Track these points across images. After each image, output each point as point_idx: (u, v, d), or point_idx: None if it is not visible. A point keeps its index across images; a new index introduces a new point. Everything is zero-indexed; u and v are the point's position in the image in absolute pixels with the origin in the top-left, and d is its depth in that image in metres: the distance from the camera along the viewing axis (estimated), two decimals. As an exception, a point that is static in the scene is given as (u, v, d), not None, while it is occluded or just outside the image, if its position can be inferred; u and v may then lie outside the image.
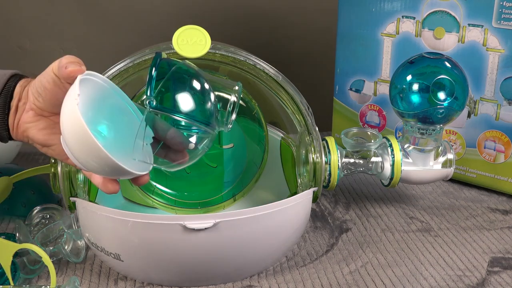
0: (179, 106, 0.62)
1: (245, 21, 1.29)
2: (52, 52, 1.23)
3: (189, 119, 0.62)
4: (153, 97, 0.61)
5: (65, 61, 0.60)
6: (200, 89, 0.64)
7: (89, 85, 0.60)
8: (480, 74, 0.92)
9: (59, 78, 0.60)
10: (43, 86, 0.62)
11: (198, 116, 0.63)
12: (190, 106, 0.63)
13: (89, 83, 0.60)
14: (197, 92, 0.64)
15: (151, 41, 0.83)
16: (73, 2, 1.23)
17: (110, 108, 0.63)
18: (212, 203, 0.84)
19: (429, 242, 0.83)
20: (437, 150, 0.86)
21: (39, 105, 0.63)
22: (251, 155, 0.85)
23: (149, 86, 0.61)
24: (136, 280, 0.73)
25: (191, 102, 0.63)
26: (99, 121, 0.61)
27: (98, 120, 0.61)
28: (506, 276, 0.75)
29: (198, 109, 0.63)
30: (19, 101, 0.65)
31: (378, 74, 1.02)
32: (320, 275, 0.75)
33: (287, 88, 0.78)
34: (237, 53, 0.77)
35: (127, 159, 0.60)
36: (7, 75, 0.66)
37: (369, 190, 0.99)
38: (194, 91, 0.64)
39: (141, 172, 0.61)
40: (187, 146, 0.66)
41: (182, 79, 0.64)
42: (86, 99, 0.59)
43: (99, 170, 0.59)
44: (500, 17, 0.88)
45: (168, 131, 0.65)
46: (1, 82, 0.65)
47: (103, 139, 0.61)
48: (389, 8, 0.98)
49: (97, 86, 0.61)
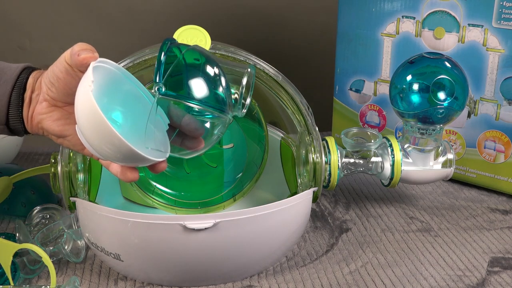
0: (190, 92, 0.61)
1: (245, 21, 1.29)
2: (52, 52, 1.23)
3: (200, 104, 0.61)
4: (162, 83, 0.60)
5: (78, 49, 0.59)
6: (210, 74, 0.62)
7: (102, 72, 0.59)
8: (480, 74, 0.92)
9: (72, 67, 0.60)
10: (55, 75, 0.61)
11: (210, 102, 0.62)
12: (201, 91, 0.61)
13: (102, 70, 0.60)
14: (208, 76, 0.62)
15: (151, 41, 0.83)
16: (73, 2, 1.23)
17: (124, 95, 0.62)
18: (212, 203, 0.84)
19: (429, 242, 0.83)
20: (437, 150, 0.86)
21: (52, 96, 0.63)
22: (251, 155, 0.85)
23: (158, 71, 0.59)
24: (136, 280, 0.73)
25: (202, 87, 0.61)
26: (113, 108, 0.60)
27: (113, 107, 0.60)
28: (506, 276, 0.75)
29: (209, 94, 0.61)
30: (32, 92, 0.65)
31: (378, 74, 1.02)
32: (320, 275, 0.75)
33: (287, 88, 0.78)
34: (237, 53, 0.77)
35: (143, 146, 0.59)
36: (20, 68, 0.66)
37: (369, 190, 0.99)
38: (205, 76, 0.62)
39: (158, 158, 0.60)
40: (202, 132, 0.64)
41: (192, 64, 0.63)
42: (100, 86, 0.58)
43: (116, 158, 0.58)
44: (500, 17, 0.88)
45: (183, 117, 0.63)
46: (14, 75, 0.65)
47: (118, 126, 0.60)
48: (389, 8, 0.98)
49: (111, 73, 0.61)
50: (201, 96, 0.61)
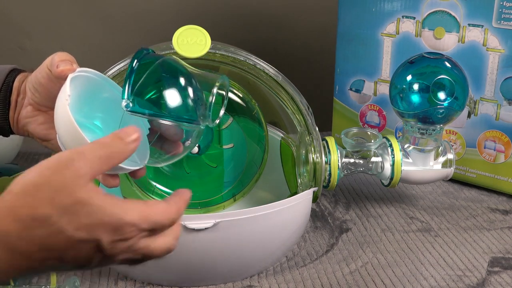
0: (156, 105, 0.61)
1: (245, 21, 1.29)
2: (52, 52, 1.23)
3: (168, 119, 0.61)
4: (130, 99, 0.59)
5: (57, 59, 0.60)
6: (180, 85, 0.62)
7: (83, 80, 0.60)
8: (480, 74, 0.92)
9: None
10: (38, 81, 0.62)
11: (178, 114, 0.61)
12: (168, 104, 0.61)
13: (83, 79, 0.60)
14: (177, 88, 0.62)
15: (151, 41, 0.83)
16: (73, 2, 1.23)
17: (105, 102, 0.62)
18: (212, 203, 0.84)
19: (429, 242, 0.83)
20: (437, 150, 0.86)
21: (36, 100, 0.63)
22: (251, 155, 0.85)
23: (124, 89, 0.59)
24: (136, 280, 0.73)
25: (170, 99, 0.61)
26: (95, 116, 0.61)
27: (94, 114, 0.61)
28: (506, 276, 0.75)
29: (177, 105, 0.61)
30: (18, 96, 0.65)
31: (378, 74, 1.02)
32: (320, 275, 0.75)
33: (287, 88, 0.78)
34: (237, 53, 0.77)
35: None
36: (6, 70, 0.66)
37: (369, 190, 0.99)
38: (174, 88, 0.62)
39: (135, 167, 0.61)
40: (181, 137, 0.64)
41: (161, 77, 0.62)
42: (79, 96, 0.59)
43: None
44: (500, 17, 0.88)
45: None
46: (1, 78, 0.65)
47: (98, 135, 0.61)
48: (389, 8, 0.98)
49: (91, 81, 0.61)
50: (168, 108, 0.61)
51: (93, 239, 0.45)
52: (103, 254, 0.46)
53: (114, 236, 0.45)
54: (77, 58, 0.63)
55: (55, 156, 0.46)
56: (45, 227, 0.44)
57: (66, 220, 0.44)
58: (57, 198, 0.44)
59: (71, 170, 0.44)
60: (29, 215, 0.43)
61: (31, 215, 0.43)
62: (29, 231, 0.43)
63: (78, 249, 0.45)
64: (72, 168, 0.44)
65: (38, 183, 0.44)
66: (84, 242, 0.45)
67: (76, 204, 0.44)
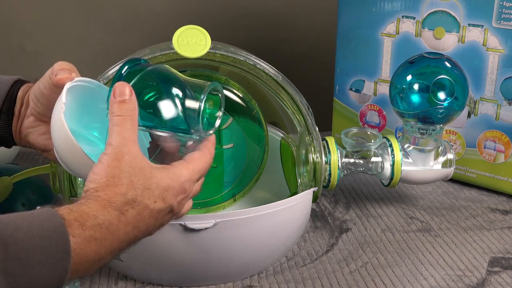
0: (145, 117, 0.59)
1: (245, 21, 1.29)
2: (52, 52, 1.23)
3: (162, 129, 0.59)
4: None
5: (57, 68, 0.60)
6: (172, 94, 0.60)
7: (81, 90, 0.60)
8: (480, 74, 0.92)
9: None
10: (40, 91, 0.62)
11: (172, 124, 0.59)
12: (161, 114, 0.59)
13: (81, 88, 0.60)
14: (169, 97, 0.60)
15: (151, 41, 0.83)
16: (73, 2, 1.23)
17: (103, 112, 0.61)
18: (212, 203, 0.84)
19: (429, 242, 0.83)
20: (437, 150, 0.86)
21: (38, 110, 0.63)
22: (251, 155, 0.85)
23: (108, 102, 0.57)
24: (136, 280, 0.73)
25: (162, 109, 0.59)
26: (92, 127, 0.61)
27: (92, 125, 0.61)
28: (506, 276, 0.75)
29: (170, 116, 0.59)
30: (21, 106, 0.65)
31: (378, 74, 1.02)
32: (320, 275, 0.75)
33: (287, 88, 0.78)
34: (237, 53, 0.77)
35: None
36: (11, 81, 0.66)
37: (369, 190, 0.99)
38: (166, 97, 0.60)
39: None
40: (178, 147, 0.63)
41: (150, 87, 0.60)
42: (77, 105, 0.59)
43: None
44: (500, 17, 0.88)
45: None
46: (5, 88, 0.65)
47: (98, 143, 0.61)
48: (389, 8, 0.98)
49: (89, 90, 0.61)
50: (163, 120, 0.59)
51: (167, 205, 0.54)
52: (173, 213, 0.56)
53: (179, 196, 0.55)
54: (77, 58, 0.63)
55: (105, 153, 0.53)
56: (135, 208, 0.52)
57: (146, 196, 0.52)
58: (134, 181, 0.52)
59: (127, 154, 0.52)
60: (123, 201, 0.51)
61: (124, 201, 0.51)
62: (125, 215, 0.51)
63: (158, 217, 0.54)
64: (128, 152, 0.53)
65: (115, 175, 0.52)
66: (162, 210, 0.54)
67: (147, 180, 0.52)
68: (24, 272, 0.44)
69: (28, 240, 0.45)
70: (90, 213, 0.49)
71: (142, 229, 0.53)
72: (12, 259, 0.44)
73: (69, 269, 0.46)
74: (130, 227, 0.52)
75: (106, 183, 0.51)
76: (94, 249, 0.49)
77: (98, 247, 0.49)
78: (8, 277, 0.44)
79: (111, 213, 0.50)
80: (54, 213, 0.47)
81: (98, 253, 0.49)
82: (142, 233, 0.54)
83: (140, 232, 0.53)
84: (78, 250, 0.47)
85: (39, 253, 0.45)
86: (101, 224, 0.49)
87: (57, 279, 0.46)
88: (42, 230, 0.46)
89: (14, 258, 0.44)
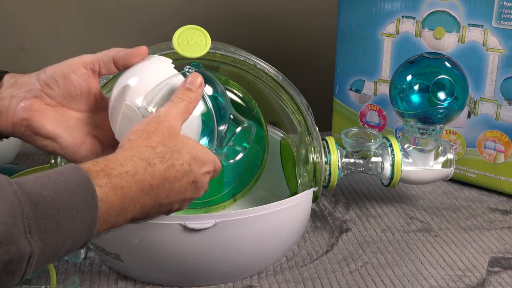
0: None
1: (245, 21, 1.29)
2: (52, 52, 1.23)
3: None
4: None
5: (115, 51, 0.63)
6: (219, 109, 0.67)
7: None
8: (480, 74, 0.92)
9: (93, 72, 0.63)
10: (64, 76, 0.62)
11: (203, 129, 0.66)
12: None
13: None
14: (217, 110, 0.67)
15: (151, 41, 0.83)
16: (73, 2, 1.23)
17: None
18: (212, 203, 0.84)
19: (429, 242, 0.83)
20: (437, 150, 0.86)
21: (50, 93, 0.62)
22: (251, 155, 0.85)
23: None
24: (136, 280, 0.73)
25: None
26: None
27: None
28: (506, 276, 0.75)
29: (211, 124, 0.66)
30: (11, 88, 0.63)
31: (378, 74, 1.02)
32: (320, 275, 0.75)
33: (287, 88, 0.78)
34: (237, 53, 0.77)
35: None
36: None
37: (369, 190, 0.99)
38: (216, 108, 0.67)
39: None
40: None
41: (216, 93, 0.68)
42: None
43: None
44: (500, 17, 0.88)
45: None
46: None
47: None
48: (389, 8, 0.98)
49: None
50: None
51: (192, 172, 0.56)
52: (195, 186, 0.57)
53: (203, 169, 0.58)
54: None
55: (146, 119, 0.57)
56: (163, 163, 0.54)
57: (175, 157, 0.55)
58: (166, 140, 0.55)
59: (168, 122, 0.56)
60: (152, 153, 0.54)
61: (153, 154, 0.54)
62: (152, 167, 0.53)
63: (182, 180, 0.56)
64: (168, 121, 0.56)
65: (150, 131, 0.55)
66: (186, 175, 0.56)
67: (179, 145, 0.56)
68: (56, 229, 0.45)
69: (56, 197, 0.46)
70: (117, 162, 0.51)
71: (165, 189, 0.54)
72: (44, 217, 0.45)
73: (97, 219, 0.48)
74: (156, 181, 0.53)
75: (140, 135, 0.54)
76: (120, 197, 0.50)
77: (124, 196, 0.51)
78: (42, 235, 0.44)
79: (138, 163, 0.52)
80: (77, 168, 0.49)
81: (123, 201, 0.51)
82: (166, 195, 0.55)
83: (164, 192, 0.54)
84: (105, 200, 0.49)
85: (68, 208, 0.46)
86: (128, 171, 0.51)
87: (87, 231, 0.47)
88: (67, 185, 0.47)
89: (45, 216, 0.45)
